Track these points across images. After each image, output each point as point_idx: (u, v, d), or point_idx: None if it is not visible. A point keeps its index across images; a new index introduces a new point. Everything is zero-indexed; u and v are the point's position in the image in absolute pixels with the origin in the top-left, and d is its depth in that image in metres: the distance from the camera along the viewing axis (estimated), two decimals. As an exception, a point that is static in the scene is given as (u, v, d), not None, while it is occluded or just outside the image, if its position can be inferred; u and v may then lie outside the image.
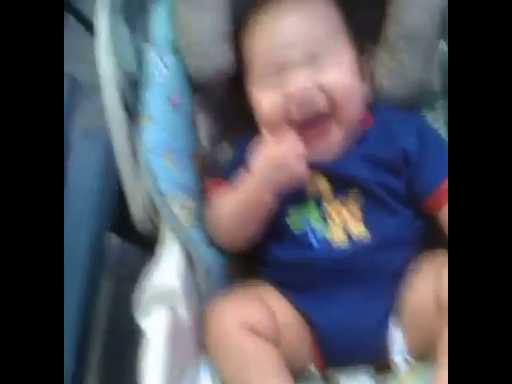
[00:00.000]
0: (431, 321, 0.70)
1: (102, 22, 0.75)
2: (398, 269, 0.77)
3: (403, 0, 0.78)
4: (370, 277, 0.76)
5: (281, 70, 0.77)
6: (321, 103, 0.76)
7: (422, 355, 0.74)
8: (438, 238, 0.76)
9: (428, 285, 0.71)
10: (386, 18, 0.81)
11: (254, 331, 0.72)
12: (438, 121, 0.86)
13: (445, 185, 0.76)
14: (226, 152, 0.87)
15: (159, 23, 0.80)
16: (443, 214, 0.76)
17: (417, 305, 0.74)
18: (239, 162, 0.80)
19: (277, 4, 0.80)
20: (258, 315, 0.73)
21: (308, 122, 0.77)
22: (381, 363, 0.76)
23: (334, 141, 0.79)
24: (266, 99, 0.78)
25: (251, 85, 0.81)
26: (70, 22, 1.34)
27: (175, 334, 0.70)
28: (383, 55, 0.82)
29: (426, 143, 0.79)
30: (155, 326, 0.69)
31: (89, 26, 1.37)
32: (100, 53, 0.75)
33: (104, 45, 0.75)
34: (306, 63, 0.76)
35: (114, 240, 1.16)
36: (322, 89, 0.76)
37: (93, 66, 0.76)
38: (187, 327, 0.74)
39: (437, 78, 0.86)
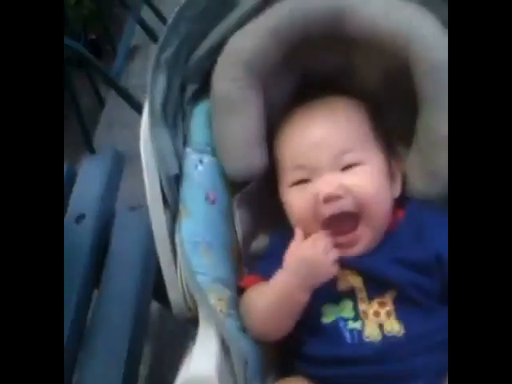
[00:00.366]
0: None
1: (143, 126, 0.83)
2: (431, 373, 0.76)
3: (433, 105, 0.81)
4: (404, 378, 0.76)
5: (310, 172, 0.82)
6: (348, 203, 0.80)
7: None
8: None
9: None
10: (417, 122, 0.84)
11: None
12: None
13: None
14: (261, 246, 0.91)
15: (198, 128, 0.88)
16: None
17: None
18: (274, 258, 0.83)
19: (307, 108, 0.87)
20: None
21: (337, 221, 0.80)
22: None
23: (363, 239, 0.82)
24: (296, 199, 0.83)
25: (283, 186, 0.86)
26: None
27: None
28: (416, 158, 0.86)
29: None
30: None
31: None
32: (143, 157, 0.83)
33: (145, 150, 0.82)
34: (333, 166, 0.81)
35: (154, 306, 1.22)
36: (348, 190, 0.80)
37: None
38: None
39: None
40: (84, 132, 1.99)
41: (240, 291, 0.85)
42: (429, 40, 0.78)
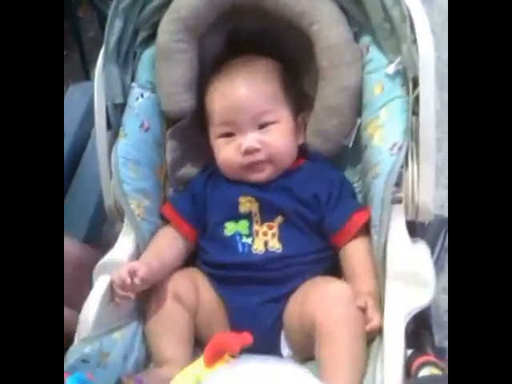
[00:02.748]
0: (298, 333, 0.92)
1: (99, 62, 1.03)
2: (298, 280, 0.98)
3: (326, 78, 1.00)
4: (276, 282, 0.98)
5: (235, 128, 1.02)
6: (262, 154, 1.01)
7: (301, 352, 0.94)
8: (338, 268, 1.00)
9: (296, 306, 0.93)
10: (316, 88, 1.03)
11: (177, 298, 0.97)
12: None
13: (344, 229, 0.98)
14: (188, 173, 1.12)
15: (143, 68, 1.07)
16: (342, 251, 0.99)
17: (290, 320, 0.95)
18: (189, 195, 1.06)
19: (233, 66, 1.05)
20: (184, 287, 0.98)
21: (251, 165, 1.02)
22: (276, 354, 0.97)
23: (268, 174, 1.03)
24: (223, 149, 1.03)
25: (212, 134, 1.05)
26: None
27: (112, 295, 0.94)
28: (312, 120, 1.05)
29: (334, 193, 1.01)
30: (96, 287, 0.94)
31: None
32: (95, 85, 1.03)
33: (98, 79, 1.02)
34: (253, 125, 1.01)
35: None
36: (264, 145, 1.00)
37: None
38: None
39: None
40: (83, 62, 2.17)
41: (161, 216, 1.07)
42: (327, 22, 0.97)
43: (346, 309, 0.87)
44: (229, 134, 1.03)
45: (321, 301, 0.88)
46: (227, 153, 1.03)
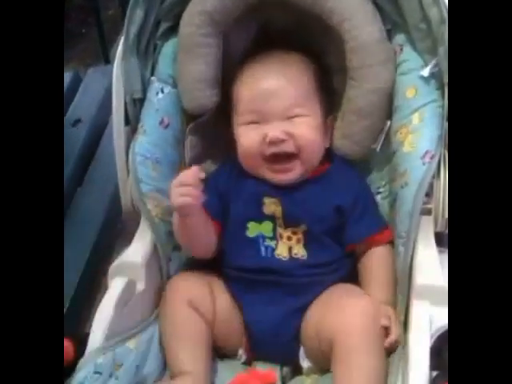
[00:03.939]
0: (315, 346, 0.89)
1: (118, 53, 0.98)
2: (320, 289, 0.94)
3: (354, 79, 0.95)
4: (299, 291, 0.94)
5: (261, 117, 0.96)
6: (289, 145, 0.95)
7: (319, 364, 0.91)
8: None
9: (314, 319, 0.90)
10: (346, 90, 0.98)
11: (193, 306, 0.93)
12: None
13: (363, 243, 0.96)
14: (207, 169, 1.08)
15: (164, 61, 1.02)
16: (361, 257, 0.97)
17: (307, 333, 0.92)
18: (213, 192, 0.99)
19: (265, 59, 0.99)
20: (200, 295, 0.95)
21: (277, 159, 0.96)
22: (293, 365, 0.94)
23: (295, 170, 0.97)
24: (246, 137, 0.97)
25: (236, 124, 1.00)
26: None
27: (127, 298, 0.91)
28: (339, 122, 1.00)
29: (358, 206, 0.97)
30: (111, 290, 0.90)
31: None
32: (114, 78, 0.98)
33: (116, 72, 0.98)
34: (281, 116, 0.95)
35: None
36: (291, 136, 0.95)
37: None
38: (142, 296, 0.94)
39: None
40: (102, 41, 2.12)
41: None
42: (359, 20, 0.91)
43: (366, 326, 0.84)
44: (254, 123, 0.97)
45: (340, 317, 0.84)
46: (250, 139, 0.96)
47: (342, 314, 0.85)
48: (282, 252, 0.96)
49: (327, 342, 0.84)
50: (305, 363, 0.93)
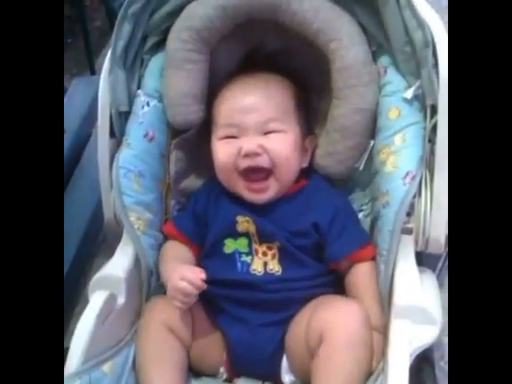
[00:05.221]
0: (303, 353, 0.88)
1: (104, 66, 0.98)
2: (299, 305, 0.94)
3: (339, 99, 0.96)
4: (276, 305, 0.95)
5: (238, 131, 0.97)
6: (263, 159, 0.96)
7: (303, 378, 0.91)
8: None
9: (302, 324, 0.89)
10: (330, 109, 0.99)
11: (170, 328, 0.93)
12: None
13: (345, 260, 0.96)
14: (191, 185, 1.09)
15: (150, 75, 1.03)
16: (346, 274, 0.97)
17: (294, 339, 0.91)
18: (190, 213, 1.03)
19: (247, 77, 1.01)
20: (177, 315, 0.94)
21: (252, 173, 0.97)
22: (275, 381, 0.94)
23: (270, 189, 0.98)
24: (222, 151, 0.98)
25: (214, 138, 1.01)
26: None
27: (107, 313, 0.91)
28: (323, 140, 1.01)
29: (338, 221, 0.97)
30: (91, 304, 0.90)
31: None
32: (100, 91, 0.98)
33: (103, 86, 0.98)
34: (258, 130, 0.96)
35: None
36: (265, 151, 0.96)
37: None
38: (122, 311, 0.94)
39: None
40: (88, 52, 2.12)
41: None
42: (345, 42, 0.92)
43: (358, 325, 0.84)
44: (231, 137, 0.98)
45: (332, 317, 0.85)
46: (226, 153, 0.97)
47: (335, 310, 0.86)
48: (257, 267, 0.97)
49: (316, 338, 0.84)
50: (287, 378, 0.93)
